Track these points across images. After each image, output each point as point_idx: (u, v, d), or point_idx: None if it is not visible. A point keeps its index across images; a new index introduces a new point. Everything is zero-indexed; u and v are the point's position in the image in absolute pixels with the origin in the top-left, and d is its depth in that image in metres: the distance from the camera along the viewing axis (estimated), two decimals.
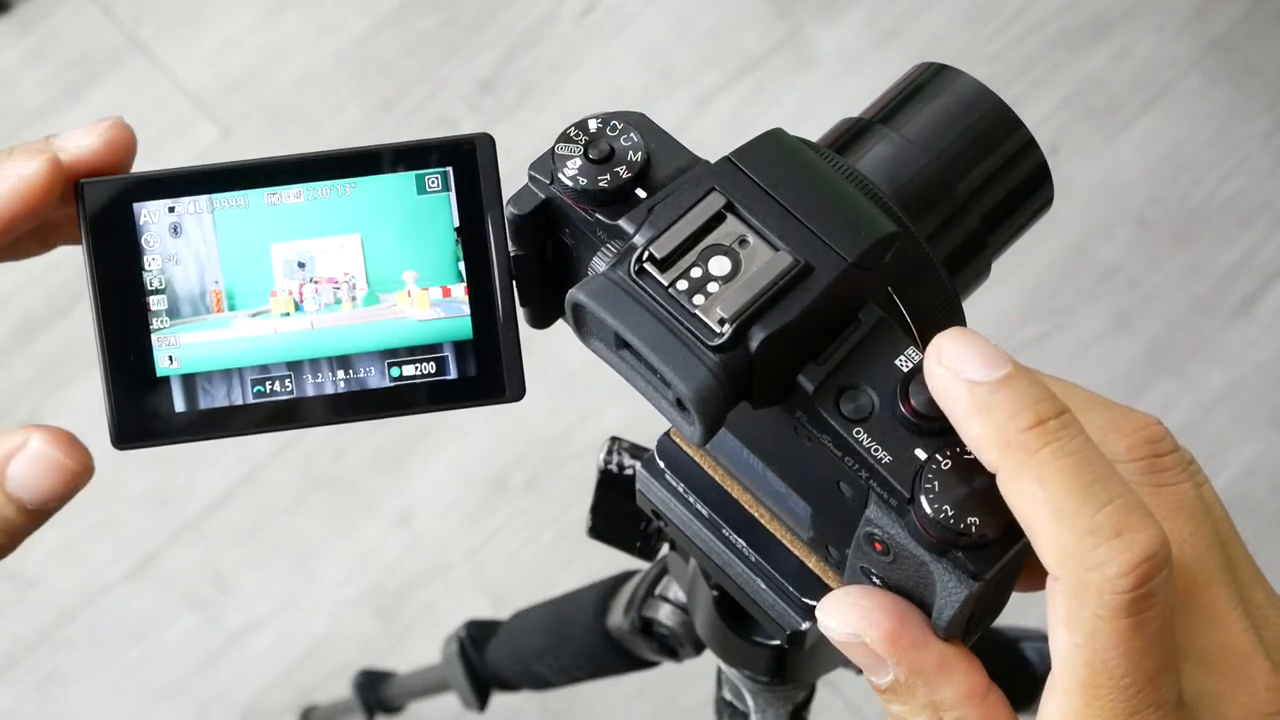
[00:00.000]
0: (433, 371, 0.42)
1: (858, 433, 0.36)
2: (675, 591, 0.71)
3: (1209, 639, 0.35)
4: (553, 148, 0.40)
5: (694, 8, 1.57)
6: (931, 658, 0.36)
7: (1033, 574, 0.37)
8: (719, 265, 0.37)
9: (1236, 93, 1.55)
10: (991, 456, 0.34)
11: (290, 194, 0.42)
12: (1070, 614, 0.33)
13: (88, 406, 1.39)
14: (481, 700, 0.96)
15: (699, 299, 0.37)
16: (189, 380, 0.42)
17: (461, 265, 0.42)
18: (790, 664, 0.61)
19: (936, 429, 0.36)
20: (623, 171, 0.40)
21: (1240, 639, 0.35)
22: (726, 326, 0.36)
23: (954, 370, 0.34)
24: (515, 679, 0.92)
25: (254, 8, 1.56)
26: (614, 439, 0.64)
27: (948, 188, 0.45)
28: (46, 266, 1.45)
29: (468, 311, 0.42)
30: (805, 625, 0.46)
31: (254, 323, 0.42)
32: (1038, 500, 0.33)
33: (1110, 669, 0.33)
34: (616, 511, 0.65)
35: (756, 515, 0.47)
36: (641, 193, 0.40)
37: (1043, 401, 0.33)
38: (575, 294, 0.37)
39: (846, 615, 0.36)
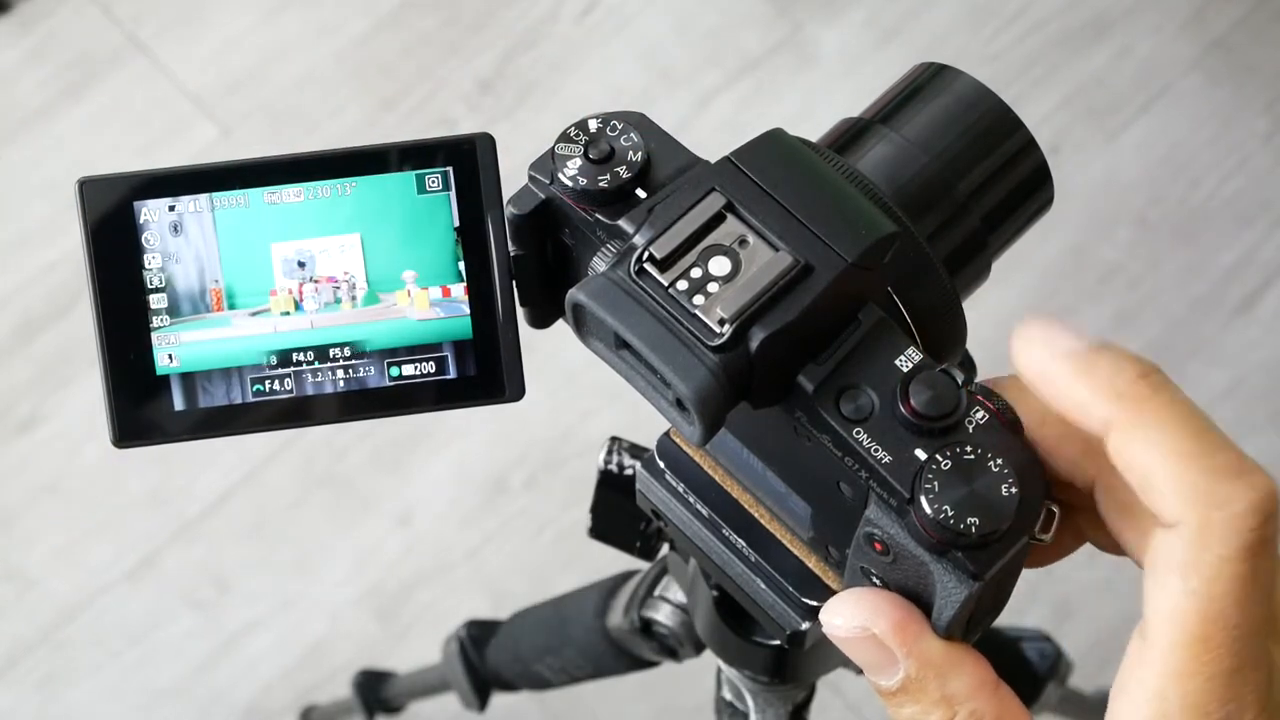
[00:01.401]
0: (432, 371, 0.42)
1: (858, 433, 0.36)
2: (675, 591, 0.71)
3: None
4: (553, 148, 0.40)
5: (694, 8, 1.57)
6: (939, 648, 0.36)
7: (1054, 546, 0.37)
8: (719, 265, 0.37)
9: (1236, 93, 1.55)
10: (1104, 411, 0.34)
11: (290, 193, 0.42)
12: (1191, 558, 0.32)
13: (88, 406, 1.39)
14: (481, 700, 0.96)
15: (699, 299, 0.37)
16: (189, 379, 0.42)
17: (461, 265, 0.42)
18: (790, 664, 0.61)
19: (936, 429, 0.36)
20: (623, 171, 0.40)
21: None
22: (726, 326, 0.36)
23: (1047, 345, 0.35)
24: (515, 679, 0.92)
25: (254, 8, 1.56)
26: (614, 439, 0.64)
27: (948, 188, 0.45)
28: (46, 266, 1.45)
29: (468, 311, 0.42)
30: (805, 625, 0.46)
31: (254, 322, 0.42)
32: (1157, 444, 0.33)
33: (1225, 618, 0.32)
34: (616, 512, 0.65)
35: (756, 515, 0.47)
36: (641, 193, 0.40)
37: (1138, 359, 0.34)
38: (575, 294, 0.37)
39: (853, 609, 0.36)
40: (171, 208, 0.41)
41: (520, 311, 0.43)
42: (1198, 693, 0.33)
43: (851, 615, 0.36)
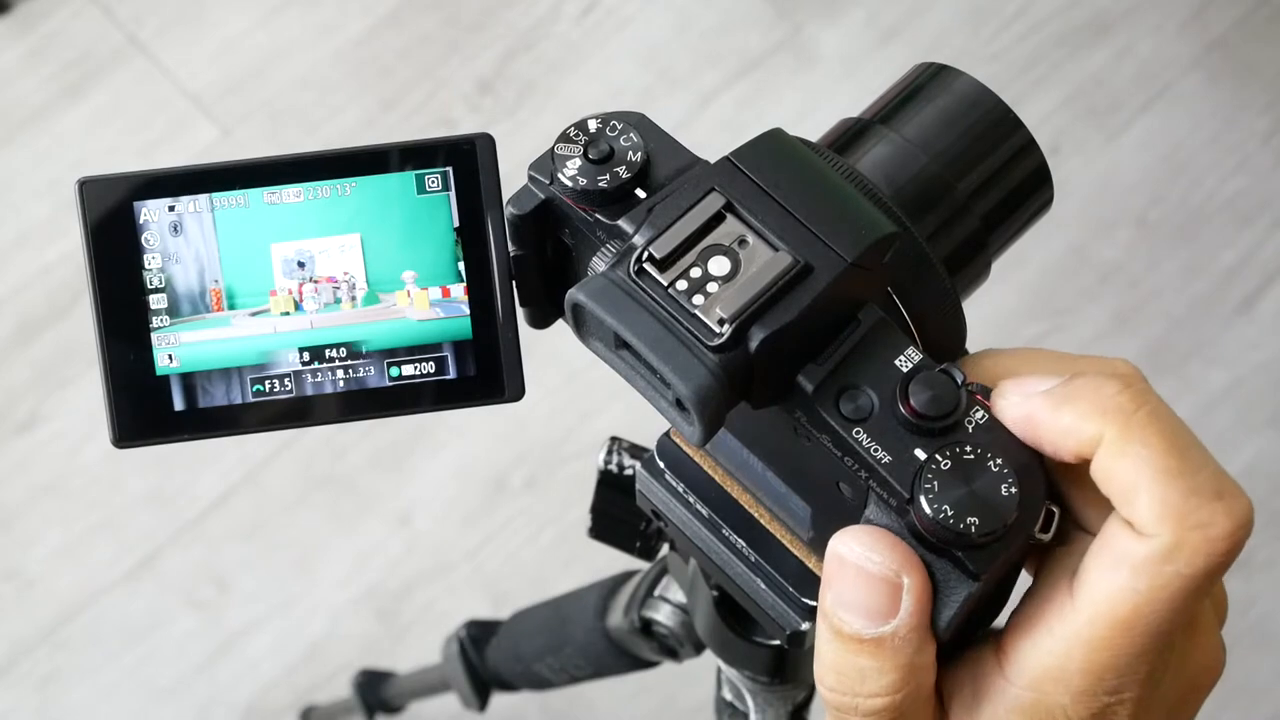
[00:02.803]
0: (432, 371, 0.42)
1: (857, 433, 0.36)
2: (675, 591, 0.71)
3: None
4: (552, 148, 0.40)
5: (694, 8, 1.57)
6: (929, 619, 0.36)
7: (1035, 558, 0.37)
8: (718, 265, 0.37)
9: (1236, 93, 1.55)
10: (1092, 428, 0.34)
11: (290, 193, 0.42)
12: (1148, 565, 0.33)
13: (88, 406, 1.39)
14: (482, 700, 0.96)
15: (698, 299, 0.37)
16: (188, 379, 0.42)
17: (461, 265, 0.42)
18: (790, 664, 0.61)
19: (936, 429, 0.36)
20: (622, 171, 0.40)
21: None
22: (726, 326, 0.36)
23: (1022, 394, 0.36)
24: (515, 679, 0.92)
25: (254, 8, 1.56)
26: (614, 439, 0.64)
27: (948, 188, 0.45)
28: (46, 266, 1.45)
29: (467, 311, 0.42)
30: (805, 625, 0.46)
31: (254, 322, 0.42)
32: (1142, 459, 0.34)
33: (1156, 617, 0.33)
34: (616, 512, 0.65)
35: (756, 515, 0.47)
36: (641, 193, 0.40)
37: (1116, 374, 0.35)
38: (575, 294, 0.37)
39: (893, 551, 0.35)
40: (171, 208, 0.41)
41: (520, 311, 0.43)
42: (1099, 664, 0.34)
43: (889, 554, 0.35)
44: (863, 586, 0.35)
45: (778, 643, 0.58)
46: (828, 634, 0.36)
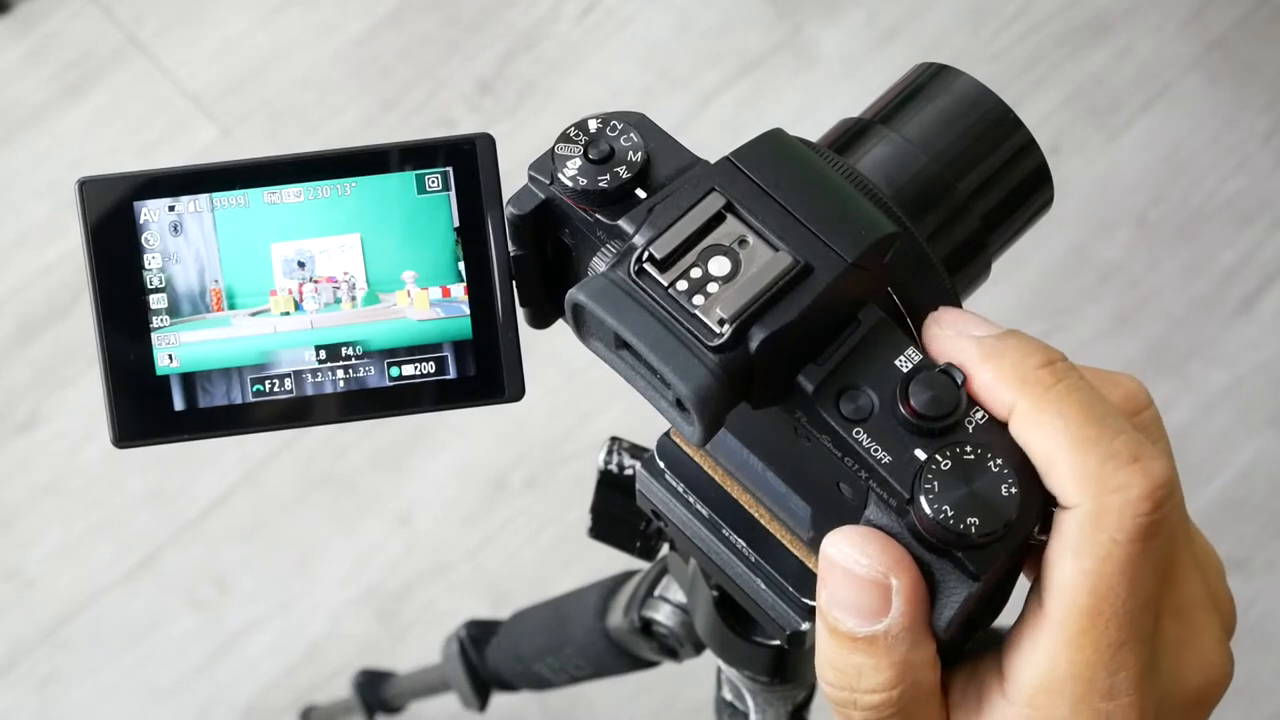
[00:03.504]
0: (432, 371, 0.42)
1: (857, 433, 0.36)
2: (675, 591, 0.71)
3: (1172, 591, 0.36)
4: (552, 148, 0.40)
5: (694, 8, 1.57)
6: (926, 617, 0.36)
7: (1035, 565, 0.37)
8: (719, 265, 0.37)
9: (1236, 93, 1.55)
10: (1008, 395, 0.35)
11: (290, 193, 0.42)
12: (1083, 539, 0.34)
13: (88, 406, 1.39)
14: (482, 700, 0.96)
15: (699, 299, 0.37)
16: (189, 379, 0.42)
17: (461, 265, 0.42)
18: (790, 664, 0.61)
19: (936, 429, 0.36)
20: (623, 171, 0.40)
21: (1197, 594, 0.37)
22: (726, 327, 0.36)
23: (957, 331, 0.37)
24: (515, 679, 0.92)
25: (254, 8, 1.57)
26: (614, 439, 0.64)
27: (948, 188, 0.45)
28: (46, 267, 1.45)
29: (467, 311, 0.42)
30: (805, 625, 0.46)
31: (254, 322, 0.42)
32: (1057, 430, 0.34)
33: (1115, 595, 0.34)
34: (616, 512, 0.65)
35: (756, 515, 0.47)
36: (641, 193, 0.40)
37: (1045, 347, 0.36)
38: (575, 294, 0.37)
39: (880, 552, 0.36)
40: (171, 208, 0.41)
41: (520, 311, 0.43)
42: (1085, 663, 0.34)
43: (877, 556, 0.36)
44: (853, 587, 0.36)
45: (778, 643, 0.58)
46: (824, 634, 0.37)
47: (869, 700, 0.36)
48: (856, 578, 0.36)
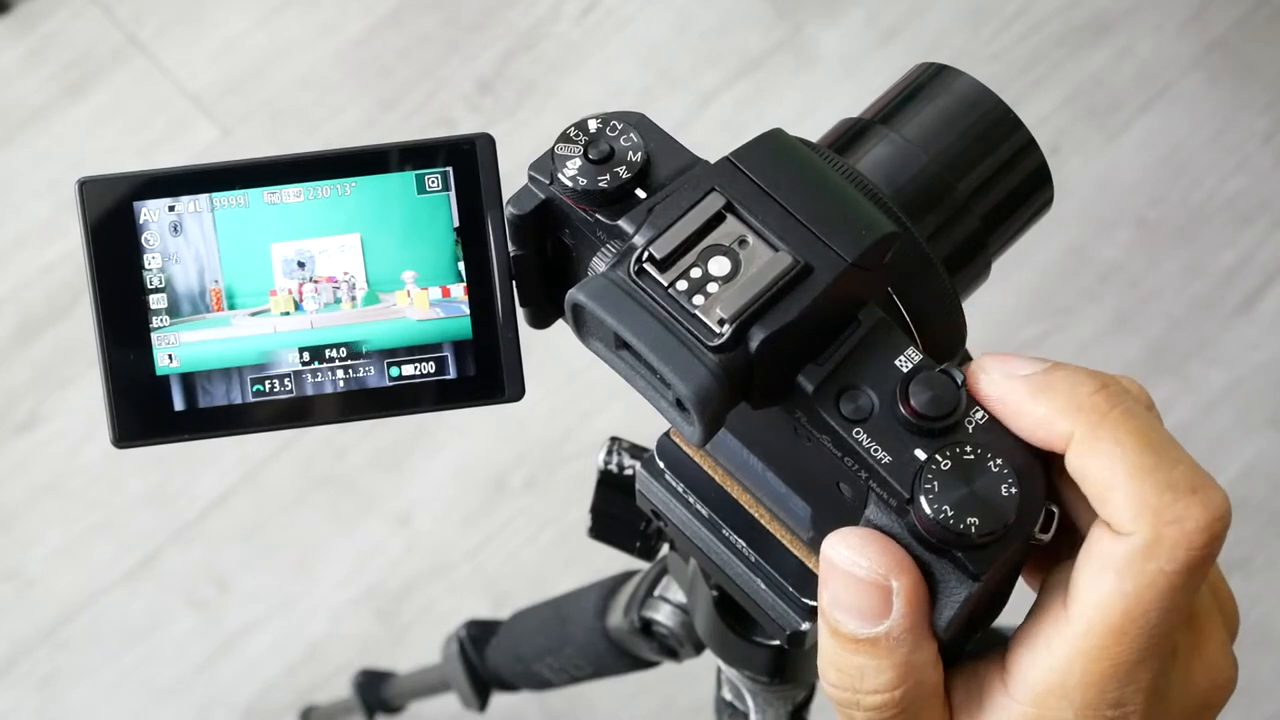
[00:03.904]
0: (432, 371, 0.42)
1: (857, 433, 0.36)
2: (675, 591, 0.71)
3: None
4: (552, 148, 0.40)
5: (694, 8, 1.57)
6: (928, 618, 0.36)
7: (1038, 566, 0.38)
8: (719, 265, 0.37)
9: (1236, 93, 1.55)
10: (1064, 425, 0.35)
11: (290, 193, 0.42)
12: (1131, 564, 0.33)
13: (88, 406, 1.39)
14: (482, 700, 0.96)
15: (699, 299, 0.37)
16: (189, 379, 0.42)
17: (461, 265, 0.42)
18: (790, 664, 0.61)
19: (936, 429, 0.36)
20: (622, 172, 0.40)
21: (1204, 603, 0.37)
22: (726, 327, 0.36)
23: (1004, 374, 0.36)
24: (515, 679, 0.92)
25: (254, 8, 1.56)
26: (614, 439, 0.64)
27: (948, 188, 0.45)
28: (46, 266, 1.45)
29: (467, 311, 0.42)
30: (805, 625, 0.46)
31: (254, 322, 0.42)
32: (1115, 457, 0.34)
33: (1147, 619, 0.34)
34: (616, 512, 0.65)
35: (756, 515, 0.46)
36: (641, 193, 0.40)
37: (1094, 373, 0.35)
38: (575, 294, 0.37)
39: (879, 554, 0.36)
40: (171, 208, 0.41)
41: (520, 311, 0.43)
42: (1100, 675, 0.34)
43: (877, 558, 0.35)
44: (853, 589, 0.36)
45: (777, 643, 0.58)
46: (826, 635, 0.37)
47: (872, 701, 0.36)
48: (857, 580, 0.36)
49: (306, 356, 0.42)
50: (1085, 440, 0.34)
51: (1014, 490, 0.35)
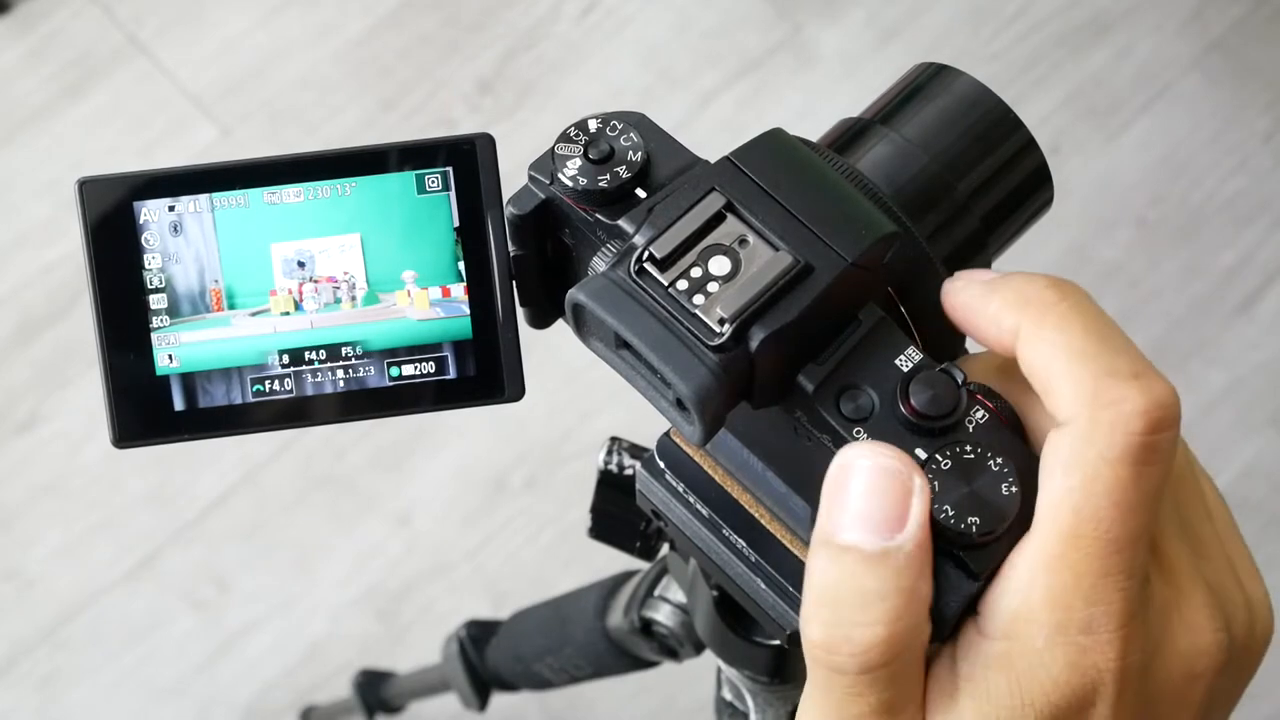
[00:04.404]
0: (432, 371, 0.42)
1: (858, 433, 0.36)
2: (675, 591, 0.71)
3: (1158, 548, 0.35)
4: (552, 148, 0.40)
5: (694, 8, 1.57)
6: (930, 552, 0.34)
7: None
8: (719, 265, 0.37)
9: (1236, 93, 1.55)
10: (1011, 319, 0.35)
11: (290, 193, 0.42)
12: (1073, 455, 0.33)
13: (88, 406, 1.39)
14: (482, 700, 0.96)
15: (699, 299, 0.37)
16: (189, 379, 0.42)
17: (461, 265, 0.42)
18: (790, 664, 0.61)
19: (936, 429, 0.36)
20: (623, 171, 0.40)
21: (1182, 559, 0.35)
22: (726, 326, 0.36)
23: (967, 280, 0.37)
24: (515, 679, 0.92)
25: (254, 8, 1.57)
26: (614, 439, 0.64)
27: (948, 188, 0.45)
28: (46, 266, 1.45)
29: (467, 311, 0.42)
30: None
31: (254, 322, 0.42)
32: (1056, 345, 0.33)
33: (1098, 519, 0.32)
34: (616, 511, 0.65)
35: (756, 515, 0.46)
36: (641, 193, 0.40)
37: (1050, 275, 0.35)
38: (575, 294, 0.37)
39: (901, 453, 0.34)
40: (171, 208, 0.41)
41: (520, 311, 0.43)
42: (1062, 588, 0.33)
43: (899, 454, 0.34)
44: (875, 493, 0.34)
45: (778, 643, 0.58)
46: (825, 561, 0.34)
47: (865, 635, 0.33)
48: (884, 477, 0.34)
49: (306, 356, 0.42)
50: (1030, 330, 0.34)
51: (1014, 489, 0.35)
